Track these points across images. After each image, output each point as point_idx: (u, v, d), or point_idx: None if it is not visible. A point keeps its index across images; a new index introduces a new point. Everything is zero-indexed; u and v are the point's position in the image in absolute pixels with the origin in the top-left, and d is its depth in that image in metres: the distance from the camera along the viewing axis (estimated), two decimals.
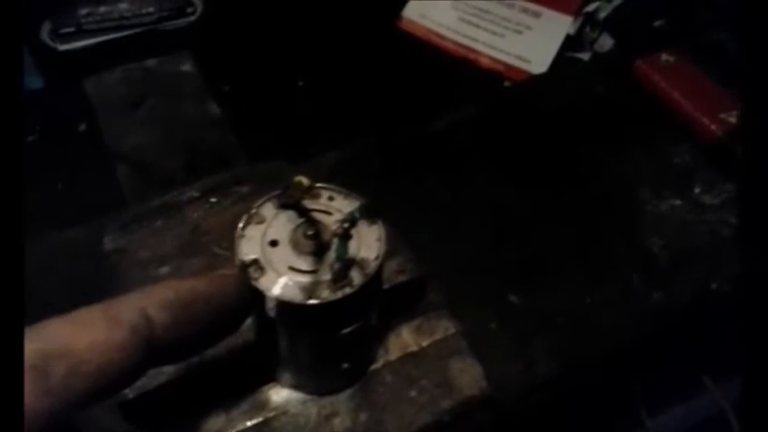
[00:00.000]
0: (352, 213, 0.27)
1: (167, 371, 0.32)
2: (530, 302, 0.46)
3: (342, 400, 0.34)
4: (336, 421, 0.33)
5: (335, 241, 0.28)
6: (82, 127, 0.58)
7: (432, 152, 0.54)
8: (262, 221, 0.30)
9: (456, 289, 0.44)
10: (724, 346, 0.40)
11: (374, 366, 0.35)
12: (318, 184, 0.31)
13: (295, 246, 0.29)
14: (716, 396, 0.56)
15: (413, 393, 0.34)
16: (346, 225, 0.27)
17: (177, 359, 0.29)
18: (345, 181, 0.49)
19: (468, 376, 0.35)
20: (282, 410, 0.33)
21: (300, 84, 0.64)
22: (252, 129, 0.57)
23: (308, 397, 0.33)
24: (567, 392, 0.45)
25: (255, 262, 0.29)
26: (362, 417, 0.33)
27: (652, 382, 0.55)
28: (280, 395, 0.34)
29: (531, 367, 0.43)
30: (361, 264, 0.29)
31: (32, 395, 0.21)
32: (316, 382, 0.33)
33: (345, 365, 0.33)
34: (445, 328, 0.36)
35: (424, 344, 0.35)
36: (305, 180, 0.29)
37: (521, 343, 0.44)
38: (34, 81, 0.60)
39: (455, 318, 0.37)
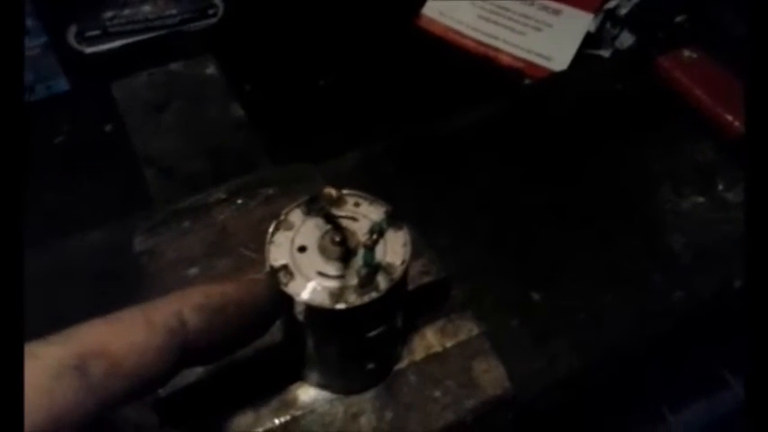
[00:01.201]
0: (379, 224, 0.28)
1: (198, 370, 0.33)
2: (551, 300, 0.46)
3: (367, 400, 0.34)
4: (362, 420, 0.34)
5: (363, 249, 0.28)
6: (108, 128, 0.59)
7: (452, 151, 0.54)
8: (290, 228, 0.31)
9: (477, 287, 0.45)
10: (746, 342, 0.40)
11: (399, 366, 0.35)
12: (344, 191, 0.32)
13: (323, 251, 0.30)
14: (737, 391, 0.56)
15: (437, 393, 0.34)
16: (374, 237, 0.27)
17: (209, 361, 0.30)
18: (367, 181, 0.50)
19: (491, 377, 0.35)
20: (310, 409, 0.34)
21: (321, 83, 0.65)
22: (274, 129, 0.57)
23: (334, 396, 0.34)
24: (588, 389, 0.45)
25: (285, 267, 0.29)
26: (388, 415, 0.34)
27: (674, 377, 0.55)
28: (307, 394, 0.34)
29: (553, 364, 0.43)
30: (387, 269, 0.29)
31: (73, 393, 0.22)
32: (342, 381, 0.34)
33: (371, 366, 0.33)
34: (469, 329, 0.36)
35: (448, 345, 0.36)
36: (334, 192, 0.30)
37: (542, 340, 0.44)
38: (61, 84, 0.62)
39: (478, 318, 0.37)
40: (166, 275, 0.39)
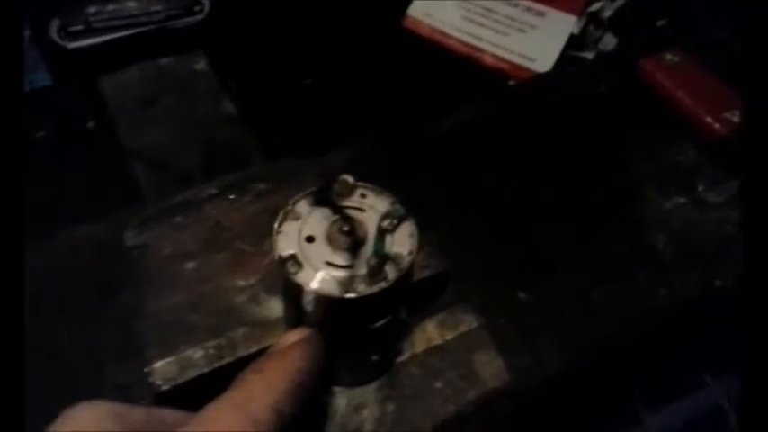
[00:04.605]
0: (397, 210, 0.28)
1: (199, 363, 0.33)
2: (537, 298, 0.46)
3: (370, 392, 0.34)
4: (365, 412, 0.34)
5: (375, 237, 0.28)
6: (90, 124, 0.58)
7: (436, 151, 0.54)
8: (297, 218, 0.31)
9: (464, 286, 0.45)
10: (725, 343, 0.41)
11: (401, 359, 0.35)
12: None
13: (330, 242, 0.30)
14: (715, 392, 0.56)
15: (438, 385, 0.35)
16: (395, 222, 0.28)
17: None
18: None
19: (491, 368, 0.35)
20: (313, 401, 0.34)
21: (307, 82, 0.64)
22: (262, 126, 0.57)
23: (337, 388, 0.34)
24: (572, 387, 0.45)
25: (293, 257, 0.29)
26: (390, 407, 0.34)
27: (651, 377, 0.56)
28: None
29: (539, 362, 0.44)
30: (395, 259, 0.30)
31: None
32: (346, 373, 0.34)
33: (375, 357, 0.34)
34: (469, 322, 0.37)
35: (449, 337, 0.36)
36: (350, 179, 0.30)
37: (528, 338, 0.44)
38: (43, 78, 0.61)
39: (478, 312, 0.38)
40: (161, 269, 0.39)
